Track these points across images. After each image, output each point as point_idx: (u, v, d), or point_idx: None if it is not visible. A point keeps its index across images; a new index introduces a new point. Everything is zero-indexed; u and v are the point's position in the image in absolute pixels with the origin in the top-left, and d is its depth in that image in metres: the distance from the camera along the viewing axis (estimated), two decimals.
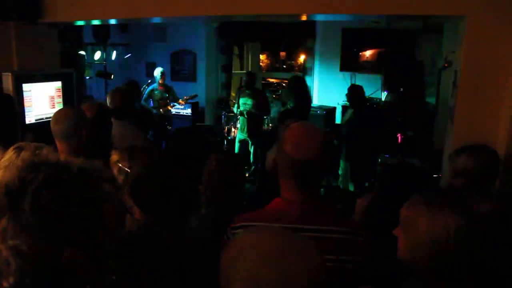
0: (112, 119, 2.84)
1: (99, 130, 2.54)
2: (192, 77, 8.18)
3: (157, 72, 6.51)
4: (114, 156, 2.14)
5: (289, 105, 5.68)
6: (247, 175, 5.96)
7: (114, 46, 7.70)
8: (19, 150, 1.88)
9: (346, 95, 5.43)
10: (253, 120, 6.26)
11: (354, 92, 5.33)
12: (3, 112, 2.67)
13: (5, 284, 0.94)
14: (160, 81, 6.49)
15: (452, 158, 2.19)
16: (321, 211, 1.53)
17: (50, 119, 2.42)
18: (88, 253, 0.95)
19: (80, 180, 0.94)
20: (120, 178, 2.07)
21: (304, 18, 3.62)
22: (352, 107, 5.39)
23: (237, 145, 6.52)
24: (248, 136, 6.33)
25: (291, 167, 1.49)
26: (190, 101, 7.00)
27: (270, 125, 6.72)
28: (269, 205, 1.55)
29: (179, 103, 6.77)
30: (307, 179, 1.50)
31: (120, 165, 2.10)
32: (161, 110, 6.54)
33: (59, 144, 2.34)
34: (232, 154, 2.50)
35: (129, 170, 1.88)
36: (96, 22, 4.09)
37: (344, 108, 6.37)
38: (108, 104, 3.12)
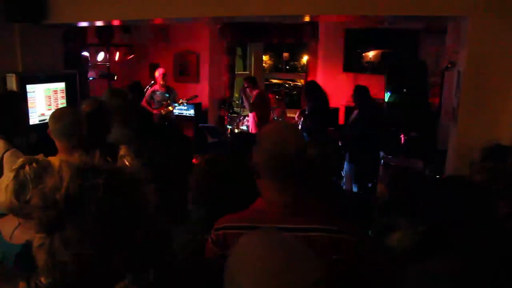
0: None
1: (97, 126, 2.55)
2: (195, 78, 8.18)
3: (158, 73, 6.46)
4: (121, 151, 2.14)
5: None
6: None
7: (117, 47, 7.71)
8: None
9: (351, 95, 5.43)
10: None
11: (359, 93, 5.32)
12: (9, 109, 2.70)
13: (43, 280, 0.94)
14: (161, 82, 6.43)
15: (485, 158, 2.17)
16: (305, 210, 1.47)
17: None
18: (132, 252, 0.99)
19: (130, 184, 0.97)
20: None
21: (307, 19, 3.62)
22: (357, 107, 5.38)
23: None
24: None
25: (271, 164, 1.43)
26: (192, 101, 6.99)
27: None
28: (251, 206, 1.51)
29: (179, 104, 6.72)
30: (288, 175, 1.44)
31: (124, 160, 2.09)
32: (162, 111, 6.51)
33: (58, 143, 2.36)
34: (224, 155, 2.40)
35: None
36: (99, 23, 4.10)
37: (350, 109, 6.35)
38: None
